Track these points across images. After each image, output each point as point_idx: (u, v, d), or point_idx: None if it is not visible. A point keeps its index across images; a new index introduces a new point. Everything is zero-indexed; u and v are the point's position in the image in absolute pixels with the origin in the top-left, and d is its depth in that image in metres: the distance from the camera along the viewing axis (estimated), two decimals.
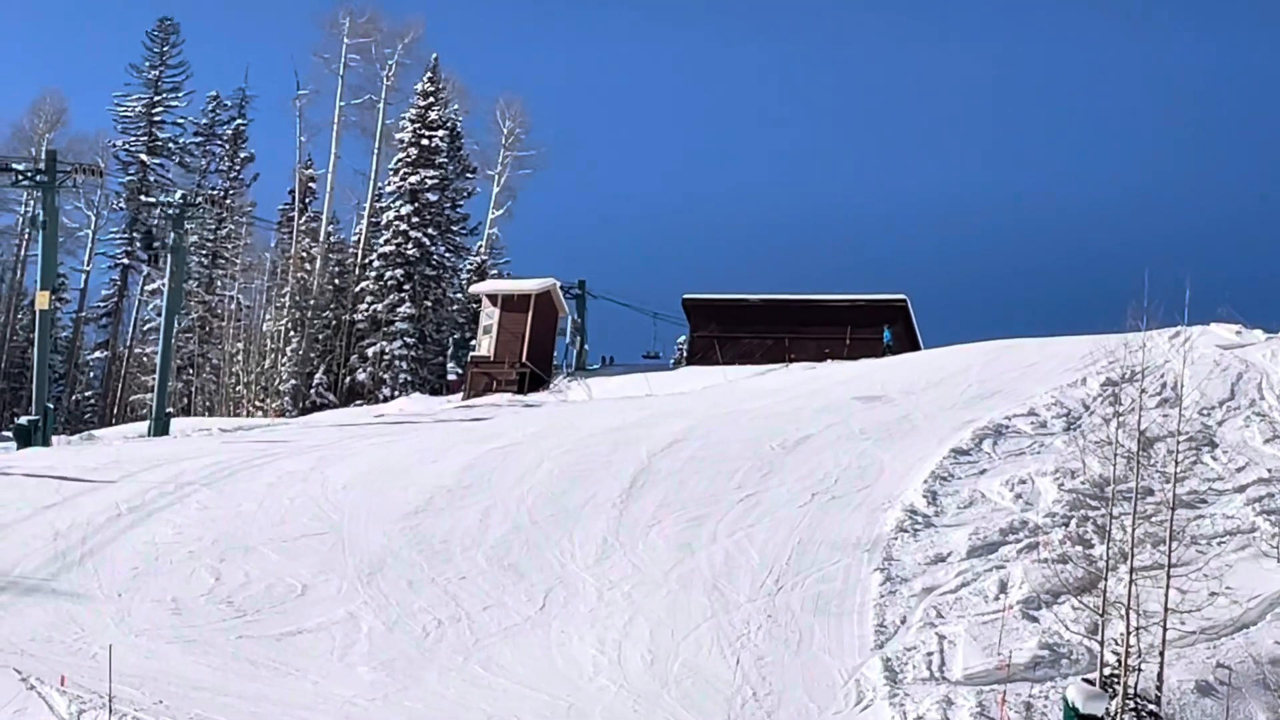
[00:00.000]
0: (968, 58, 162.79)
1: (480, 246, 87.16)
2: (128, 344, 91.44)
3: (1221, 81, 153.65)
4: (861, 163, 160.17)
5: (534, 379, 67.21)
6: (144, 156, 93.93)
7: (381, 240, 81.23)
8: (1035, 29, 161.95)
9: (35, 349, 61.32)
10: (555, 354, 72.27)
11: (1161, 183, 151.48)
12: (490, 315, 68.97)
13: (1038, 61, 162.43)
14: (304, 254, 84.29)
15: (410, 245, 79.74)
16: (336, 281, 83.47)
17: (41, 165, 60.56)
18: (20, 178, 62.10)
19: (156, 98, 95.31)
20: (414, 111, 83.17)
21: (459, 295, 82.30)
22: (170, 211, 65.26)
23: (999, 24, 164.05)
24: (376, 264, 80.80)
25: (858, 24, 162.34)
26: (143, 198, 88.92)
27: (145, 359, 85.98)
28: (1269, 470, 39.01)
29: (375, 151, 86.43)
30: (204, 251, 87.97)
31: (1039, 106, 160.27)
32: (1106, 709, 26.79)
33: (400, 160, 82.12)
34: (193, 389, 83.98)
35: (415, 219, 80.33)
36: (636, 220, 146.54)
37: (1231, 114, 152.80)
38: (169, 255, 63.67)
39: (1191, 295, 36.81)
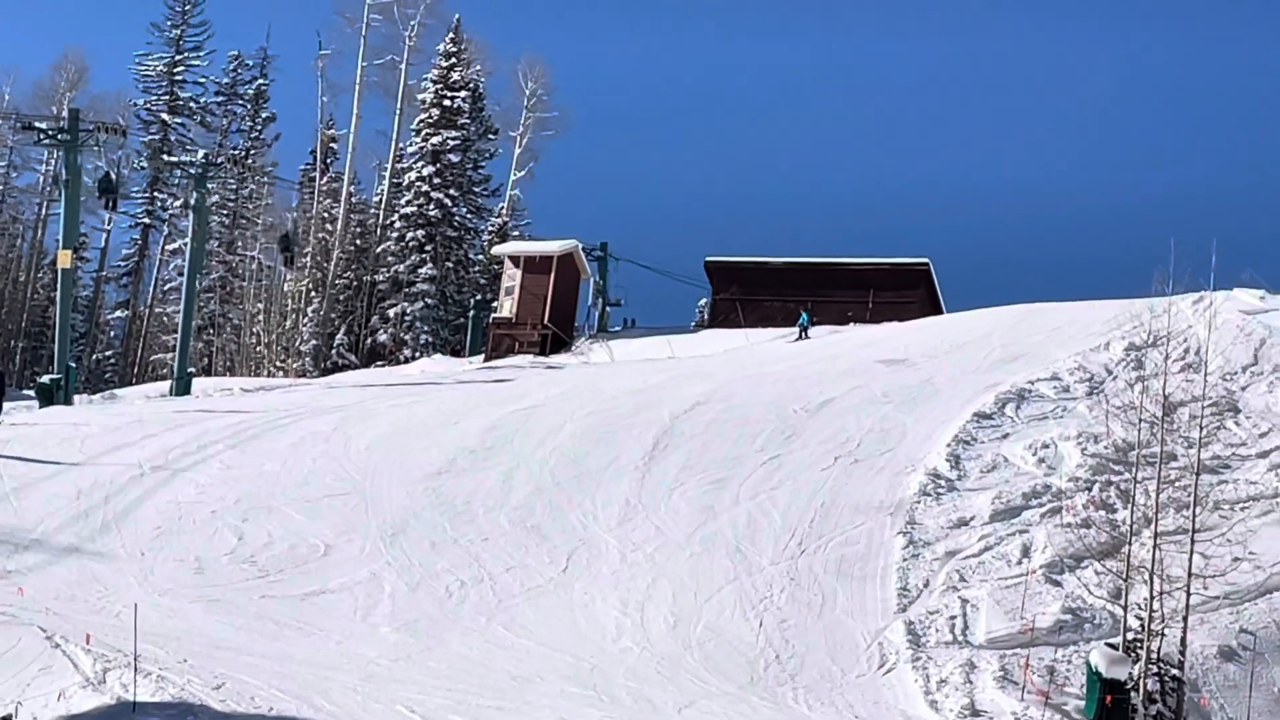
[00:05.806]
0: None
1: (502, 208, 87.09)
2: (148, 303, 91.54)
3: (1253, 46, 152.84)
4: (887, 131, 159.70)
5: (556, 341, 67.20)
6: (165, 116, 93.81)
7: (403, 201, 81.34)
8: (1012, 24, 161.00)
9: (57, 308, 61.31)
10: (577, 316, 72.31)
11: (1186, 147, 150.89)
12: (512, 277, 69.03)
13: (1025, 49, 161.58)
14: (325, 214, 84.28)
15: (432, 206, 79.84)
16: (358, 242, 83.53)
17: (64, 124, 60.48)
18: (43, 136, 62.15)
19: (178, 57, 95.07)
20: (436, 72, 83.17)
21: (480, 256, 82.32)
22: (192, 171, 65.31)
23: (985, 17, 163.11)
24: (398, 225, 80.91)
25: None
26: (164, 157, 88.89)
27: (166, 318, 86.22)
28: None
29: (397, 112, 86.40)
30: (225, 211, 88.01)
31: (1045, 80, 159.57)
32: (1130, 673, 26.79)
33: (422, 121, 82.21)
34: (213, 349, 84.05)
35: (437, 180, 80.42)
36: (659, 182, 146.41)
37: (1257, 79, 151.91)
38: (192, 215, 63.58)
39: (1215, 260, 36.58)
